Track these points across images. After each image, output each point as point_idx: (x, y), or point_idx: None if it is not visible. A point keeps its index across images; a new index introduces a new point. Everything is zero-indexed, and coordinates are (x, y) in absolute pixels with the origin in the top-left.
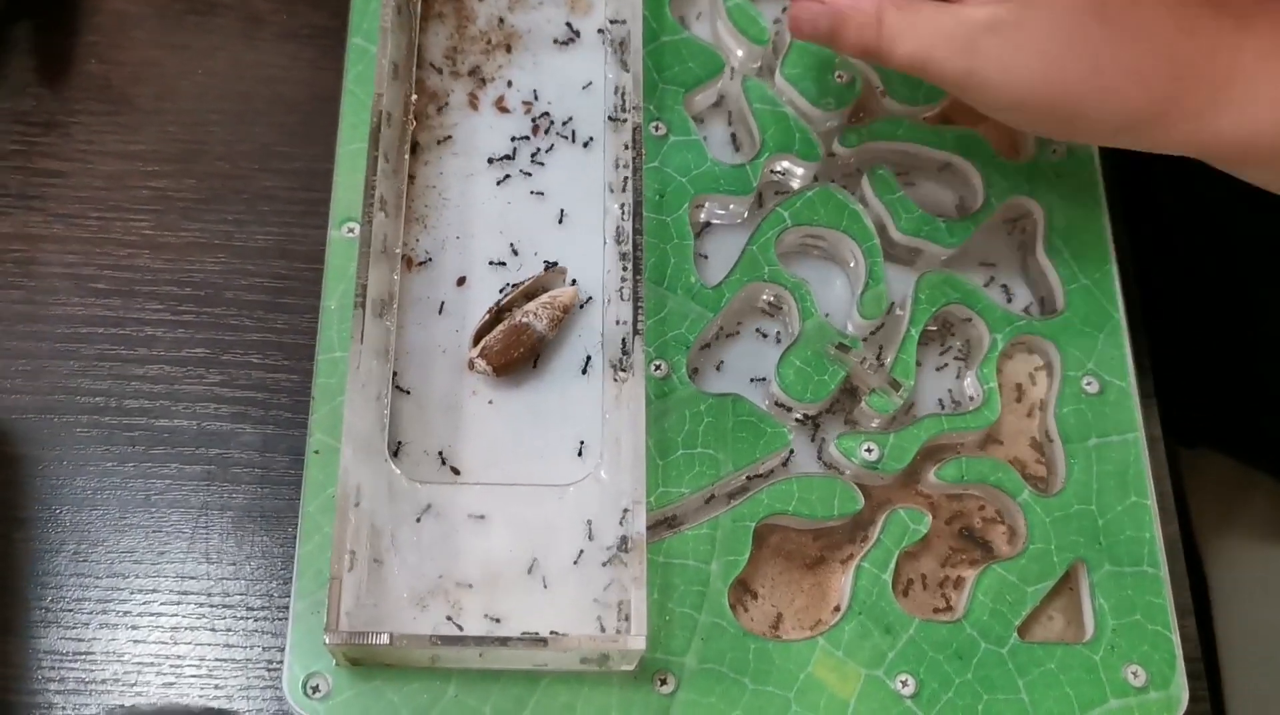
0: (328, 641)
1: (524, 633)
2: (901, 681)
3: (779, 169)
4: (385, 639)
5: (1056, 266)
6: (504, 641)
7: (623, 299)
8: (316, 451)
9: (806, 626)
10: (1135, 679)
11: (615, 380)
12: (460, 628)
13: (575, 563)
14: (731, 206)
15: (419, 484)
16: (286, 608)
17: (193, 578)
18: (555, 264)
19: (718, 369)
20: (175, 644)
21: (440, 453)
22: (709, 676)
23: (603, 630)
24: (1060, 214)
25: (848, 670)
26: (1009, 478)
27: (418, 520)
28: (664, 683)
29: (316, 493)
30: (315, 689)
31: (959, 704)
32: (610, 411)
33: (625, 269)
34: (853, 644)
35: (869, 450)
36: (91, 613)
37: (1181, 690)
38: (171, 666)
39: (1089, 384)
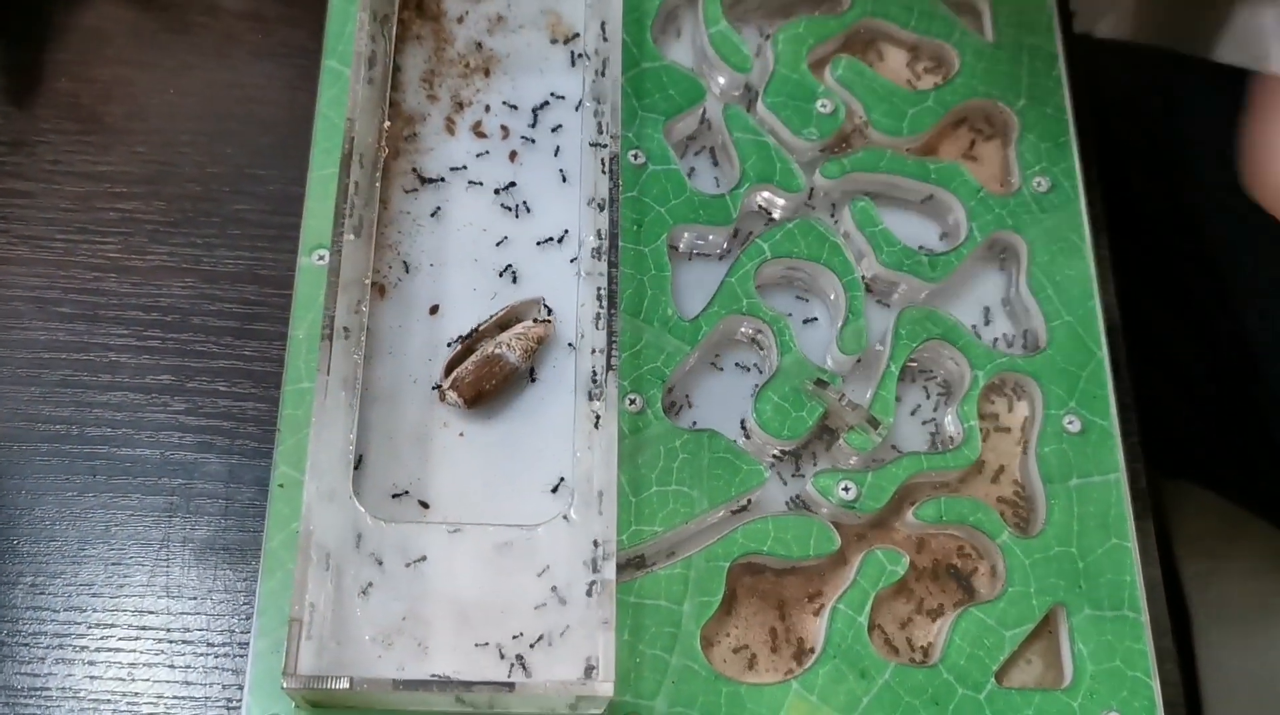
0: (285, 686)
1: (489, 680)
2: None
3: (760, 198)
4: (345, 684)
5: (1039, 303)
6: (468, 686)
7: (597, 330)
8: (281, 485)
9: (780, 669)
10: None
11: (588, 417)
12: (425, 673)
13: (543, 605)
14: (710, 237)
15: (385, 522)
16: (248, 644)
17: (152, 612)
18: (530, 295)
19: (691, 405)
20: (133, 680)
21: (408, 489)
22: None
23: (571, 679)
24: (1043, 249)
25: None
26: (988, 519)
27: (381, 562)
28: None
29: (280, 527)
30: None
31: None
32: (582, 448)
33: (600, 302)
34: (827, 688)
35: (846, 489)
36: (48, 647)
37: None
38: (129, 704)
39: (1070, 423)
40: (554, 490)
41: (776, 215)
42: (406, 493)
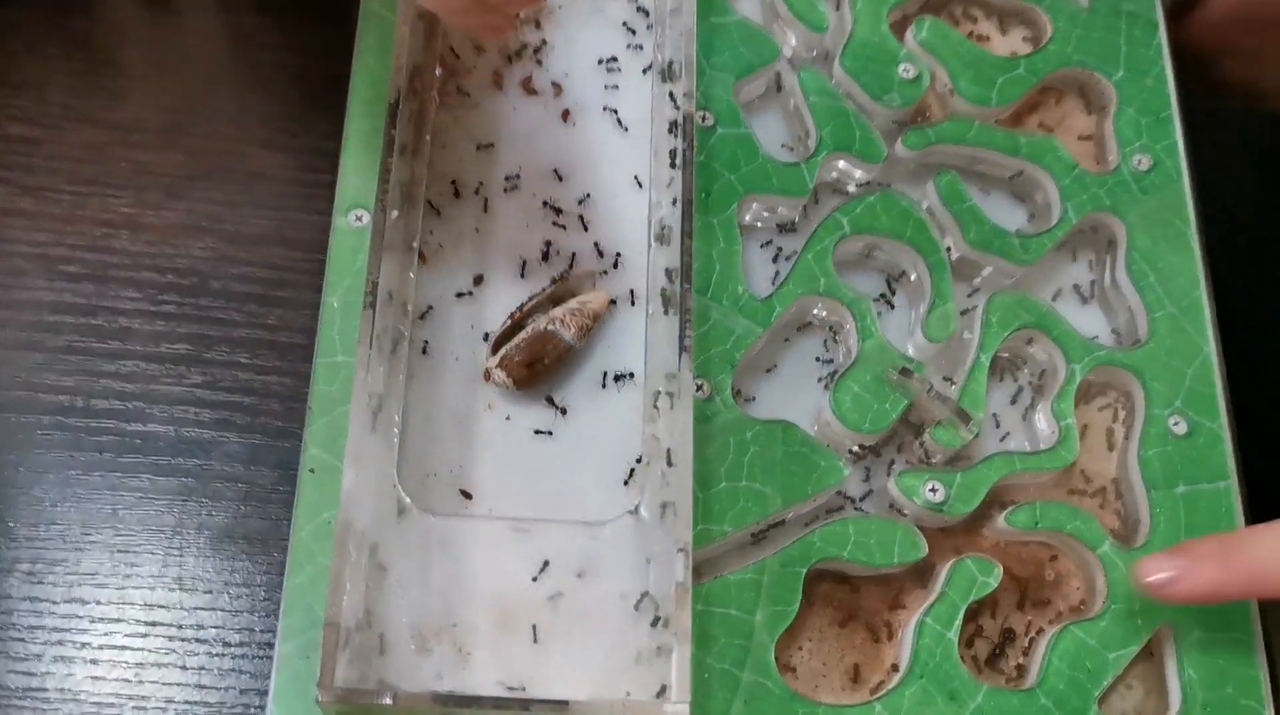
0: (320, 699)
1: (545, 699)
2: None
3: (836, 169)
4: (388, 699)
5: (1140, 291)
6: (525, 706)
7: (667, 312)
8: (312, 470)
9: (858, 688)
10: None
11: (656, 405)
12: (468, 684)
13: (607, 612)
14: (781, 209)
15: (429, 515)
16: (269, 645)
17: (163, 606)
18: (587, 266)
19: (765, 391)
20: (140, 682)
21: (451, 477)
22: None
23: (631, 694)
24: (1144, 233)
25: None
26: (1088, 527)
27: (426, 556)
28: None
29: (311, 516)
30: None
31: None
32: (651, 439)
33: (671, 276)
34: (913, 711)
35: (933, 490)
36: (45, 644)
37: None
38: (135, 708)
39: (1176, 424)
40: (627, 481)
41: (851, 188)
42: (451, 481)
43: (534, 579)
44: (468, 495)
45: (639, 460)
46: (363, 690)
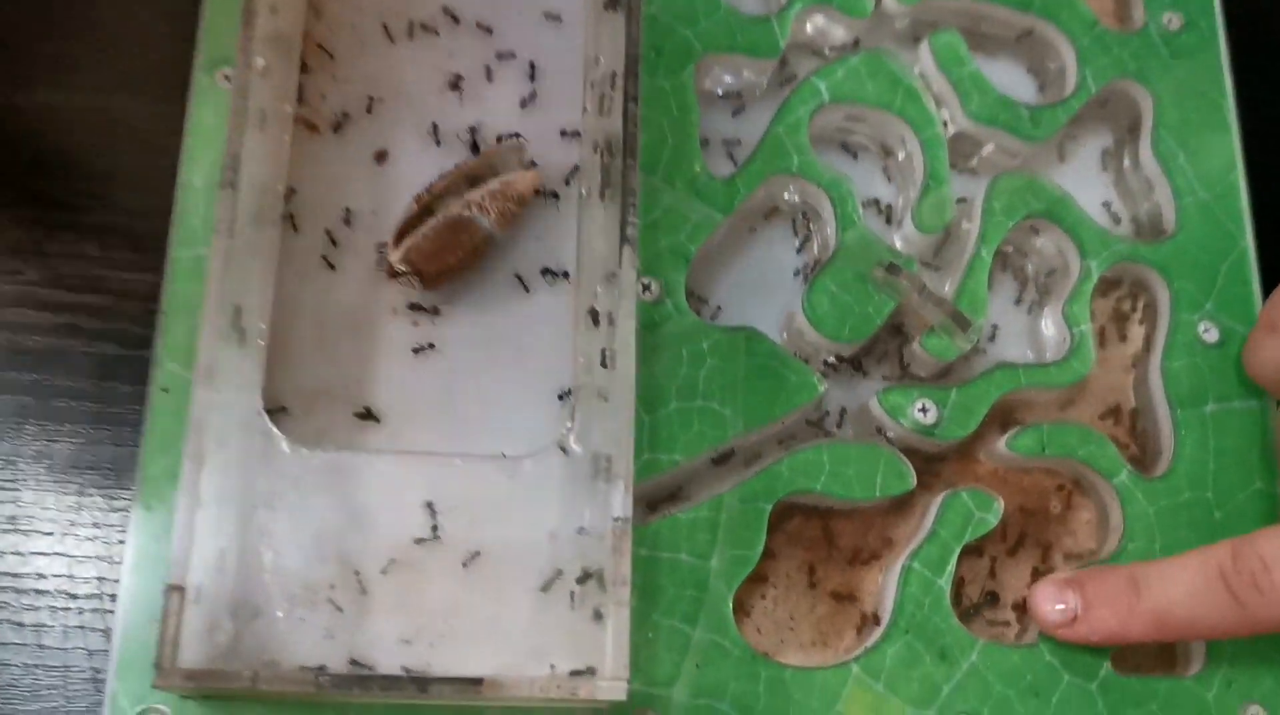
0: (157, 682)
1: (449, 676)
2: None
3: (812, 25)
4: (249, 681)
5: (1168, 174)
6: (424, 687)
7: (604, 197)
8: (166, 388)
9: (831, 644)
10: None
11: (594, 310)
12: (360, 664)
13: (529, 565)
14: (746, 72)
15: (309, 448)
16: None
17: None
18: (512, 137)
19: (726, 293)
20: None
21: (340, 399)
22: None
23: (556, 669)
24: (1174, 105)
25: (888, 709)
26: (1104, 453)
27: (304, 498)
28: None
29: (163, 447)
30: None
31: None
32: (584, 352)
33: (610, 150)
34: (897, 672)
35: (924, 410)
36: None
37: None
38: None
39: (1206, 331)
40: (561, 397)
41: (830, 50)
42: (341, 404)
43: (435, 528)
44: (366, 415)
45: (571, 379)
46: (214, 671)
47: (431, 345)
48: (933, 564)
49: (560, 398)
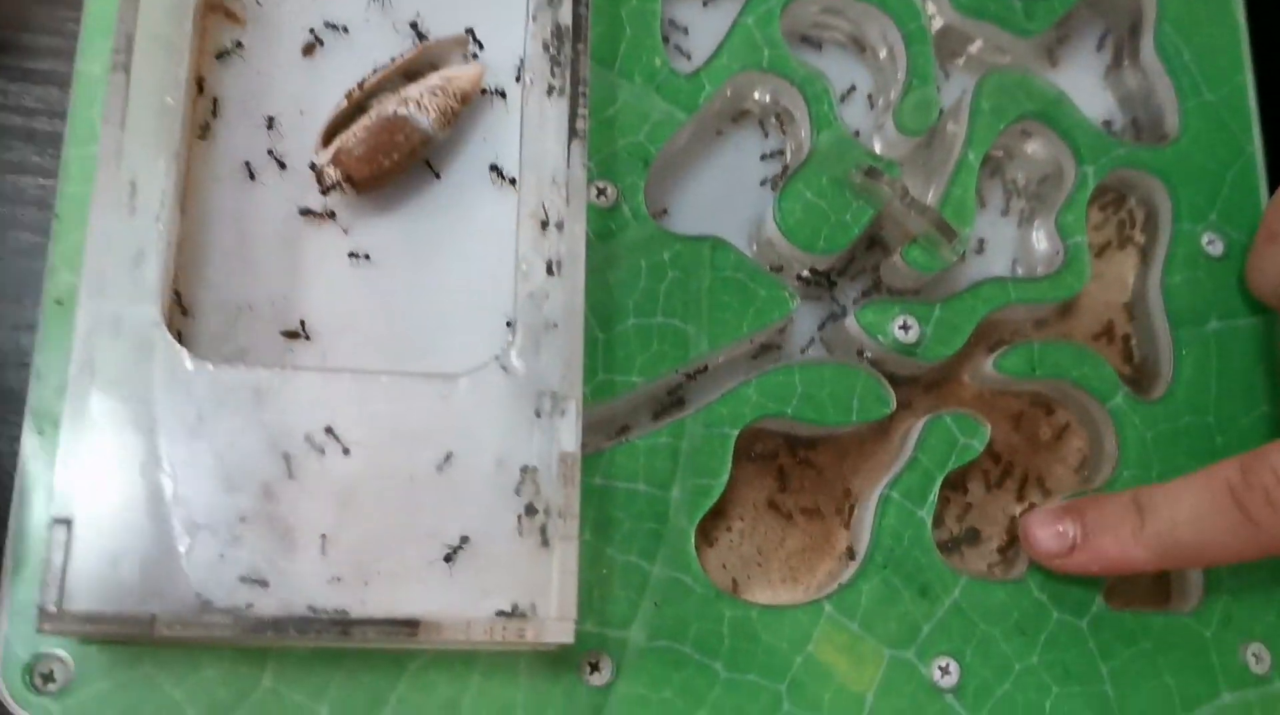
0: (43, 627)
1: (379, 618)
2: (940, 667)
3: None
4: (144, 625)
5: (1171, 74)
6: (345, 630)
7: (553, 91)
8: (59, 301)
9: (802, 581)
10: (1257, 663)
11: (541, 218)
12: (282, 602)
13: (469, 495)
14: None
15: (219, 366)
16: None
17: None
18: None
19: (689, 200)
20: None
21: (265, 318)
22: (663, 660)
23: (505, 611)
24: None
25: (864, 650)
26: (1098, 373)
27: (216, 421)
28: (595, 669)
29: (56, 367)
30: (47, 677)
31: (1018, 699)
32: (528, 259)
33: (559, 40)
34: (873, 611)
35: (905, 327)
36: None
37: None
38: None
39: (1210, 243)
40: (510, 324)
41: None
42: (260, 320)
43: (345, 452)
44: (295, 334)
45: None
46: (108, 615)
47: (367, 256)
48: (913, 494)
49: (509, 325)
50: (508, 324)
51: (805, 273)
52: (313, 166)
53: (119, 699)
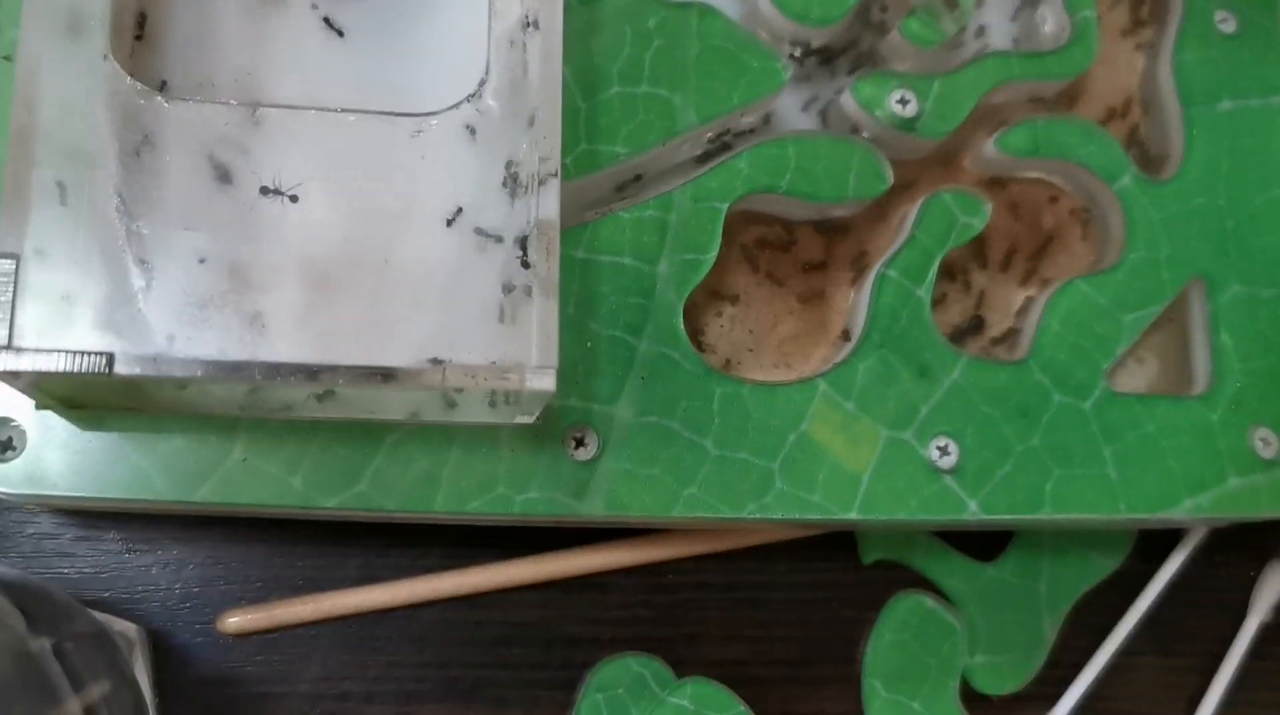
0: (2, 368)
1: (351, 365)
2: (939, 448)
3: None
4: (104, 363)
5: None
6: (312, 374)
7: None
8: (6, 57)
9: (796, 367)
10: (1265, 448)
11: None
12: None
13: (441, 249)
14: None
15: (171, 102)
16: None
17: None
18: None
19: None
20: None
21: (229, 92)
22: (650, 436)
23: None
24: None
25: (860, 430)
26: (1105, 151)
27: (168, 160)
28: (580, 444)
29: (5, 131)
30: (5, 445)
31: (1018, 481)
32: (502, 17)
33: None
34: (870, 390)
35: (903, 101)
36: None
37: None
38: None
39: (1223, 20)
40: (482, 82)
41: None
42: (209, 56)
43: (289, 196)
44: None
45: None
46: (64, 351)
47: (340, 32)
48: (911, 271)
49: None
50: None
51: (797, 52)
52: None
53: (84, 466)
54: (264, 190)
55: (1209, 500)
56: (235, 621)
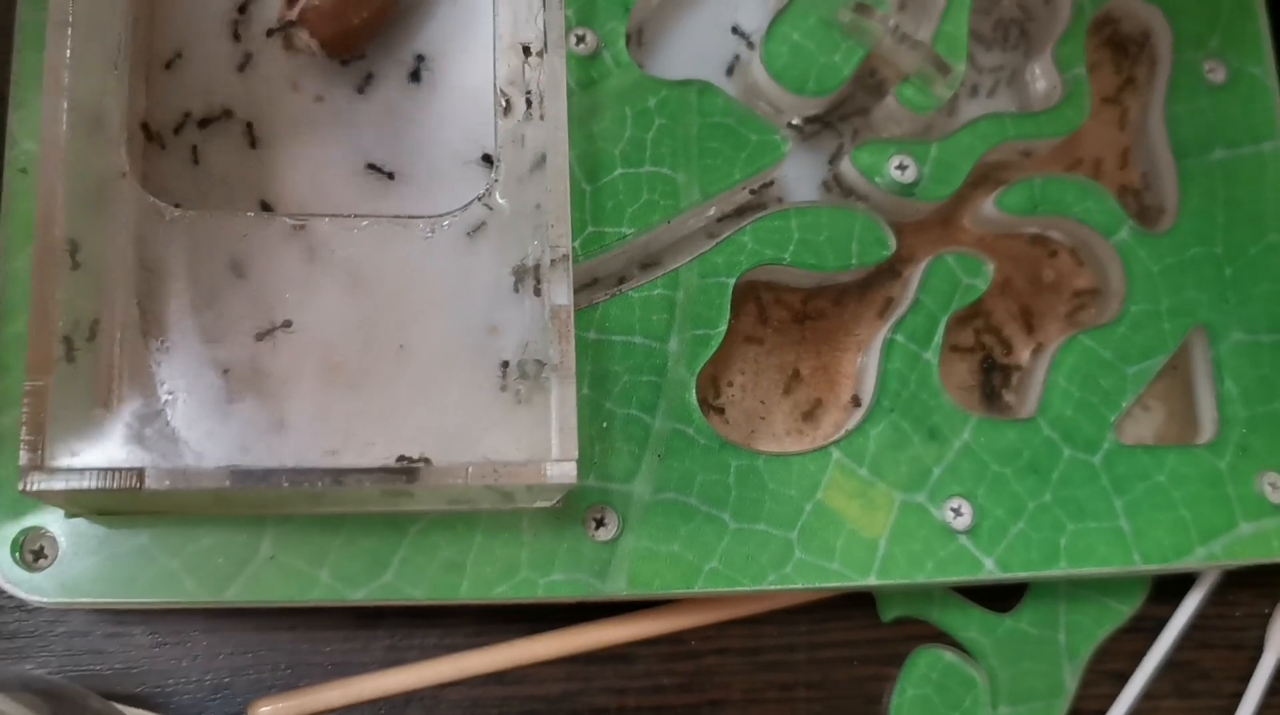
0: (27, 487)
1: (374, 466)
2: (953, 509)
3: None
4: (134, 478)
5: None
6: (338, 477)
7: None
8: (23, 169)
9: (808, 434)
10: (1274, 492)
11: (526, 60)
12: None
13: (457, 345)
14: None
15: (192, 212)
16: None
17: None
18: None
19: (672, 42)
20: None
21: (239, 190)
22: (669, 512)
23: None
24: None
25: (875, 495)
26: (1102, 208)
27: (197, 276)
28: (601, 524)
29: (25, 239)
30: (38, 554)
31: (1033, 537)
32: (512, 98)
33: None
34: (882, 456)
35: (902, 167)
36: None
37: None
38: None
39: (1211, 71)
40: (484, 159)
41: None
42: (234, 191)
43: (283, 327)
44: (268, 208)
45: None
46: (94, 469)
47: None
48: (918, 336)
49: (486, 159)
50: (484, 158)
51: (797, 121)
52: (279, 29)
53: (114, 571)
54: (259, 336)
55: (1221, 547)
56: (266, 711)
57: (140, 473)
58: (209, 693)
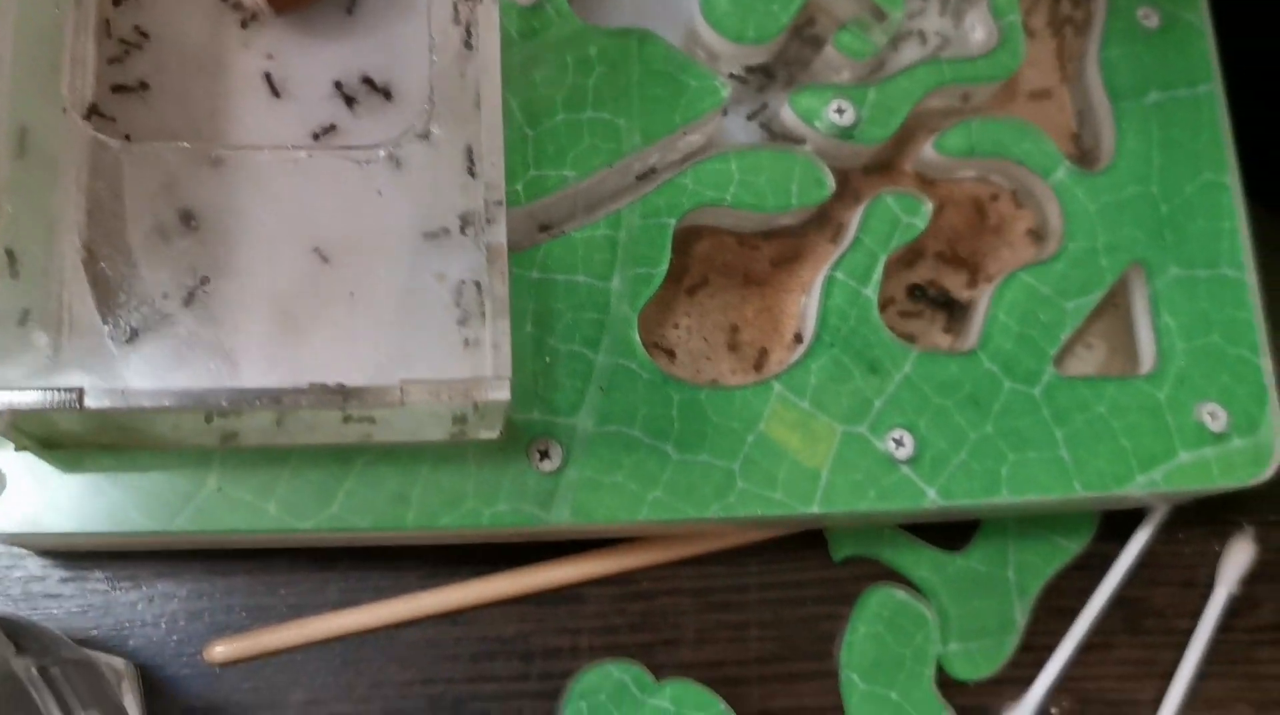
0: None
1: (314, 384)
2: (894, 440)
3: None
4: (74, 398)
5: None
6: (276, 398)
7: None
8: None
9: (752, 366)
10: (1213, 421)
11: (457, 18)
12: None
13: (401, 278)
14: None
15: (135, 141)
16: None
17: None
18: None
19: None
20: None
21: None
22: (613, 444)
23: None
24: None
25: (816, 427)
26: (1039, 149)
27: (119, 206)
28: (545, 456)
29: None
30: None
31: (975, 467)
32: (442, 42)
33: None
34: (824, 389)
35: (840, 110)
36: None
37: (1274, 434)
38: None
39: (1146, 16)
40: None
41: None
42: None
43: (200, 281)
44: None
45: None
46: (36, 386)
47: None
48: (858, 273)
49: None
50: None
51: (738, 71)
52: None
53: (63, 503)
54: (187, 300)
55: (1161, 475)
56: (222, 651)
57: (80, 392)
58: (165, 634)
